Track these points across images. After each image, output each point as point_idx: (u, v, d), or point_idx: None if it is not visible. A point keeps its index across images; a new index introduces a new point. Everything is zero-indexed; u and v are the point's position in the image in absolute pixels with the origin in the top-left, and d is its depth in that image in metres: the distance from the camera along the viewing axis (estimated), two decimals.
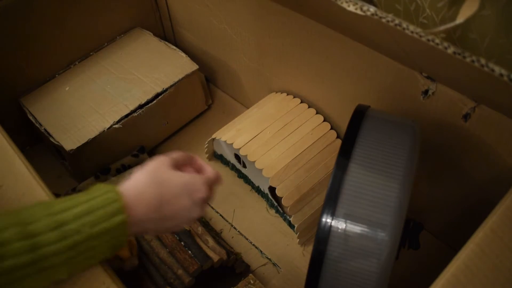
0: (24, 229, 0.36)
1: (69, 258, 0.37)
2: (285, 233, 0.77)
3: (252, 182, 0.82)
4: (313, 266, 0.48)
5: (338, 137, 0.78)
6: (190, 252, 0.64)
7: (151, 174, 0.44)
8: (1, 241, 0.35)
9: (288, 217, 0.76)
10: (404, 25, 0.39)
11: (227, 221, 0.79)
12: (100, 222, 0.38)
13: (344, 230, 0.47)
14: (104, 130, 0.78)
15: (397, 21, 0.39)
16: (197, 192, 0.46)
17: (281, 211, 0.78)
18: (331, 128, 0.78)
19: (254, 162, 0.73)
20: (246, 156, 0.74)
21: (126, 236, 0.41)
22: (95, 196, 0.40)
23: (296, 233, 0.73)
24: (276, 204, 0.78)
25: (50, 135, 0.78)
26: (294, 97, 0.82)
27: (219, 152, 0.87)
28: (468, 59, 0.37)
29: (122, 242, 0.41)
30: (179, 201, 0.44)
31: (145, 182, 0.43)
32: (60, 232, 0.37)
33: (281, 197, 0.71)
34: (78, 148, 0.76)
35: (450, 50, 0.37)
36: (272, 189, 0.75)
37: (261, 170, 0.72)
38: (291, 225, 0.76)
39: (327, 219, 0.47)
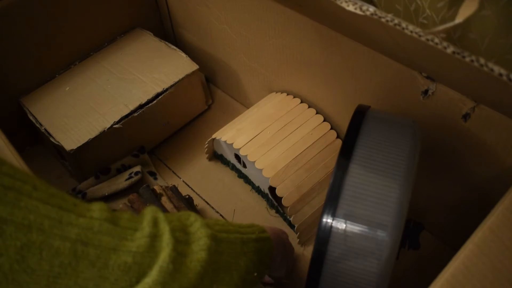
0: (225, 222, 0.51)
1: (257, 249, 0.50)
2: None
3: (252, 182, 0.82)
4: (313, 266, 0.48)
5: (338, 137, 0.78)
6: None
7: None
8: (222, 223, 0.49)
9: (288, 217, 0.76)
10: (404, 24, 0.39)
11: (227, 221, 0.79)
12: (257, 232, 0.52)
13: (345, 230, 0.47)
14: (104, 130, 0.78)
15: (396, 21, 0.39)
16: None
17: (281, 211, 0.78)
18: (331, 128, 0.78)
19: (254, 162, 0.73)
20: (246, 156, 0.74)
21: (273, 253, 0.54)
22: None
23: (296, 233, 0.73)
24: (276, 204, 0.78)
25: (50, 135, 0.78)
26: (294, 97, 0.82)
27: (219, 152, 0.87)
28: (467, 59, 0.36)
29: (270, 256, 0.54)
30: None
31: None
32: (248, 229, 0.52)
33: (281, 197, 0.71)
34: (78, 148, 0.76)
35: (450, 50, 0.37)
36: (272, 189, 0.75)
37: (261, 170, 0.72)
38: (291, 225, 0.76)
39: (327, 220, 0.47)
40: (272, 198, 0.78)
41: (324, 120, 0.79)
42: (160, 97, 0.83)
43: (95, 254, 0.36)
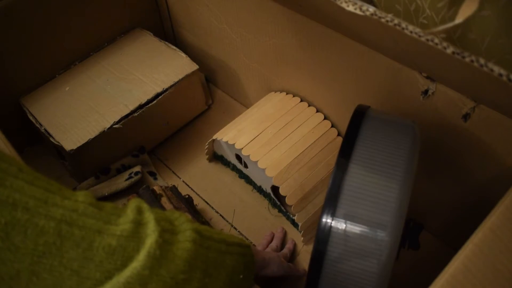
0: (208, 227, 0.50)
1: (241, 253, 0.49)
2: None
3: (254, 182, 0.82)
4: (313, 266, 0.48)
5: (339, 135, 0.78)
6: None
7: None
8: (205, 226, 0.48)
9: (291, 216, 0.76)
10: (403, 25, 0.39)
11: (227, 221, 0.79)
12: (238, 239, 0.51)
13: (344, 230, 0.47)
14: (104, 130, 0.78)
15: (396, 21, 0.39)
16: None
17: (284, 210, 0.78)
18: (332, 126, 0.78)
19: (256, 161, 0.73)
20: (248, 156, 0.74)
21: (254, 263, 0.53)
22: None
23: (300, 232, 0.73)
24: (279, 203, 0.78)
25: (50, 135, 0.78)
26: (293, 96, 0.82)
27: (219, 153, 0.87)
28: (467, 59, 0.36)
29: (254, 264, 0.53)
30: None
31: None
32: (229, 236, 0.51)
33: (285, 196, 0.71)
34: (78, 148, 0.76)
35: (449, 50, 0.37)
36: (275, 188, 0.75)
37: (264, 169, 0.72)
38: (294, 224, 0.76)
39: (327, 220, 0.47)
40: (274, 197, 0.78)
41: (324, 118, 0.79)
42: (160, 97, 0.83)
43: (80, 235, 0.37)
